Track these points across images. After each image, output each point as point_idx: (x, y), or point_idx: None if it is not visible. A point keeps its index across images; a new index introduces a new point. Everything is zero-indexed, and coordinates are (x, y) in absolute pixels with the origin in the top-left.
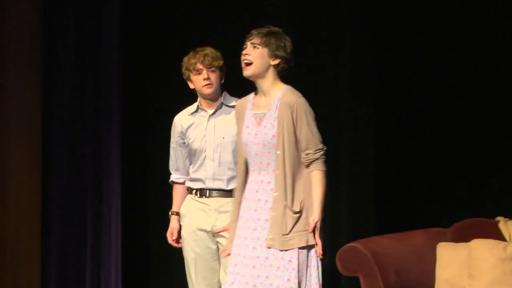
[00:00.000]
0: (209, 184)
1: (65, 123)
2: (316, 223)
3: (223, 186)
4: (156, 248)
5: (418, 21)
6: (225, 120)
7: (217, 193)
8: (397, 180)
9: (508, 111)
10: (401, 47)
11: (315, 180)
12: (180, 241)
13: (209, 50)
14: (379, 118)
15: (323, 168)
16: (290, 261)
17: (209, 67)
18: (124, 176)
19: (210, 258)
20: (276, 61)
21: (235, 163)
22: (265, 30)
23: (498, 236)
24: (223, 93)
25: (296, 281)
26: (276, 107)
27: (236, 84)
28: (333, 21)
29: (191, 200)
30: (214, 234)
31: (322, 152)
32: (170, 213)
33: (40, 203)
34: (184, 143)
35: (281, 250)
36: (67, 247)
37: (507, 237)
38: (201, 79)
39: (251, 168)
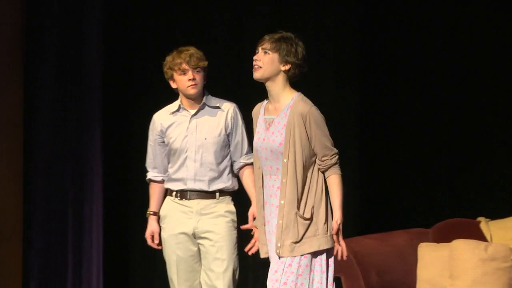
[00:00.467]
0: (190, 185)
1: (46, 124)
2: (338, 225)
3: (204, 187)
4: (137, 248)
5: (401, 19)
6: (207, 121)
7: (198, 194)
8: (379, 181)
9: (491, 113)
10: (385, 46)
11: (333, 184)
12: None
13: (193, 50)
14: (362, 119)
15: (340, 172)
16: (290, 265)
17: (194, 67)
18: (106, 176)
19: (192, 260)
20: (287, 67)
21: (217, 164)
22: (277, 35)
23: (480, 236)
24: (205, 94)
25: (293, 284)
26: (286, 114)
27: (215, 85)
28: (316, 18)
29: (171, 202)
30: (196, 236)
31: (337, 157)
32: (148, 213)
33: (21, 204)
34: (164, 141)
35: (292, 257)
36: (48, 247)
37: (488, 237)
38: (186, 79)
39: (264, 172)
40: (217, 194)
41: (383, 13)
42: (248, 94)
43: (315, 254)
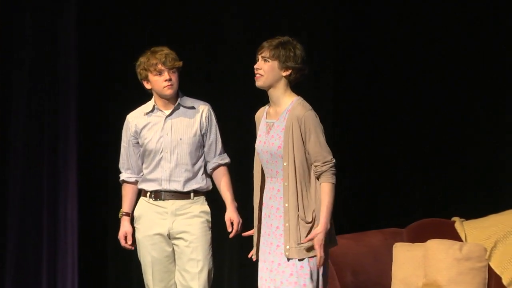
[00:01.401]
0: (165, 186)
1: (21, 124)
2: (317, 234)
3: (179, 188)
4: (113, 248)
5: (375, 21)
6: (182, 122)
7: (172, 195)
8: (354, 181)
9: (462, 113)
10: (359, 48)
11: (322, 192)
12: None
13: (167, 50)
14: (337, 120)
15: (331, 181)
16: (302, 267)
17: (170, 68)
18: (81, 176)
19: (166, 261)
20: (287, 72)
21: (192, 164)
22: (274, 42)
23: (454, 236)
24: (180, 94)
25: (311, 286)
26: (284, 118)
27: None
28: (291, 20)
29: (146, 203)
30: (171, 237)
31: (330, 165)
32: (120, 213)
33: None
34: (138, 142)
35: (299, 259)
36: (23, 247)
37: (462, 237)
38: (162, 80)
39: (265, 175)
40: (192, 194)
41: (356, 19)
42: (222, 94)
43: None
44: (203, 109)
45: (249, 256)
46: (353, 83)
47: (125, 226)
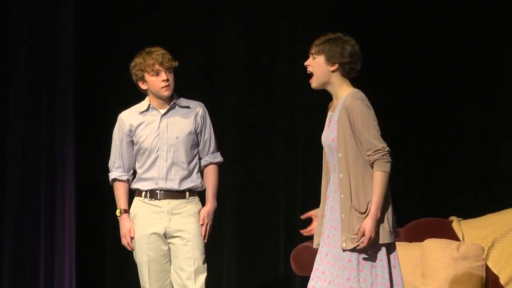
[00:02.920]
0: (161, 185)
1: (18, 123)
2: (366, 223)
3: (175, 186)
4: (111, 249)
5: (375, 21)
6: (178, 120)
7: (168, 194)
8: None
9: (465, 114)
10: (359, 48)
11: (373, 181)
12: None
13: (163, 50)
14: None
15: (383, 169)
16: (349, 261)
17: (168, 68)
18: (79, 177)
19: (162, 260)
20: (335, 67)
21: (188, 163)
22: (323, 38)
23: (452, 235)
24: (175, 94)
25: (356, 280)
26: (339, 110)
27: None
28: (291, 20)
29: (141, 203)
30: (167, 236)
31: (382, 153)
32: (119, 211)
33: None
34: (132, 141)
35: (351, 251)
36: (21, 246)
37: (460, 236)
38: (160, 80)
39: (329, 169)
40: (187, 193)
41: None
42: (222, 94)
43: (377, 249)
44: (198, 108)
45: (302, 231)
46: (353, 83)
47: (128, 222)
